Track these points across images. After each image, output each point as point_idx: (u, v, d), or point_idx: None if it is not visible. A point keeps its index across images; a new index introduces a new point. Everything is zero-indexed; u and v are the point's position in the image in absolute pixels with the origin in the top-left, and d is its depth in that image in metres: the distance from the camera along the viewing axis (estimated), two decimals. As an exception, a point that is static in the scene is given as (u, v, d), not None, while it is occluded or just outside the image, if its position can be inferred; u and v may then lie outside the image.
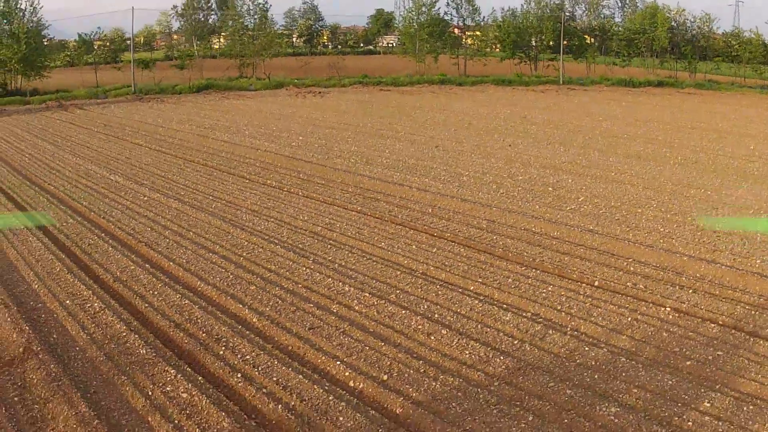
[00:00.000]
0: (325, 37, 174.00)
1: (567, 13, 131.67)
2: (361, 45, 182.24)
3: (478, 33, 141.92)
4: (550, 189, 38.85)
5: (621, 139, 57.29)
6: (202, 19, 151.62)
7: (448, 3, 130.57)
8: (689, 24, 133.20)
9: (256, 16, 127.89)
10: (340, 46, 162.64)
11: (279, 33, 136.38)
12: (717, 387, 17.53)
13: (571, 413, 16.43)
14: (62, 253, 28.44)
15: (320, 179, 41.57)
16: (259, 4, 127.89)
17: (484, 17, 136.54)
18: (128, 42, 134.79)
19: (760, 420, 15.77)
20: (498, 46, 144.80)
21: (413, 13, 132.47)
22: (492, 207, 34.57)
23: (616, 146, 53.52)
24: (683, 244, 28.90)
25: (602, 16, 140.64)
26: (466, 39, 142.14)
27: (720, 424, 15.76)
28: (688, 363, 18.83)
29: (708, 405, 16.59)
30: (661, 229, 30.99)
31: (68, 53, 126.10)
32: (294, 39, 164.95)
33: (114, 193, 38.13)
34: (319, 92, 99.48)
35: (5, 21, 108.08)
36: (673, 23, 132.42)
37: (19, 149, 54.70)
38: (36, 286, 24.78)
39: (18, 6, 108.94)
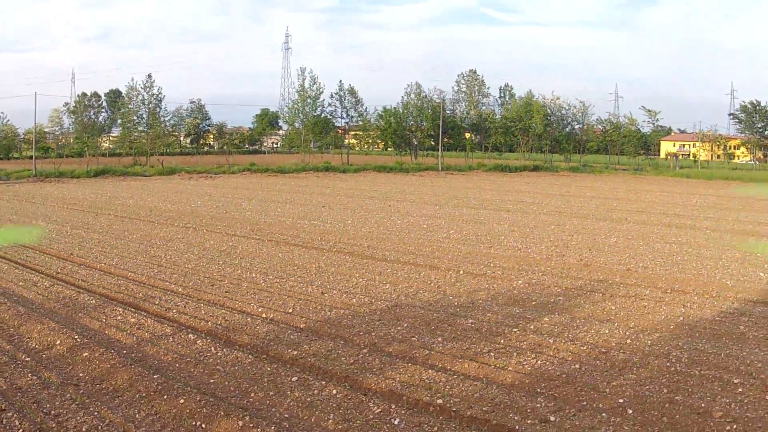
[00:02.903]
0: (211, 137, 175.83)
1: (448, 111, 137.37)
2: (247, 146, 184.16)
3: (360, 133, 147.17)
4: (424, 227, 44.62)
5: (492, 203, 63.31)
6: (93, 116, 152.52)
7: (332, 95, 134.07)
8: (565, 111, 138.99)
9: (150, 105, 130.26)
10: (225, 146, 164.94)
11: (168, 132, 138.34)
12: (555, 313, 23.13)
13: (437, 323, 21.82)
14: (4, 261, 32.60)
15: (221, 222, 46.57)
16: (153, 94, 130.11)
17: (366, 108, 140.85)
18: (18, 139, 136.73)
19: (587, 328, 21.29)
20: (380, 143, 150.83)
21: (299, 104, 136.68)
22: (372, 238, 39.92)
23: (487, 206, 59.52)
24: (537, 252, 34.79)
25: (481, 111, 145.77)
26: (349, 139, 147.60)
27: (554, 327, 21.31)
28: (534, 303, 24.47)
29: (547, 320, 22.17)
30: (519, 246, 36.89)
31: None
32: (182, 138, 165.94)
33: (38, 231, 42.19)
34: (211, 176, 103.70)
35: None
36: (548, 110, 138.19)
37: None
38: (-15, 276, 29.00)
39: None
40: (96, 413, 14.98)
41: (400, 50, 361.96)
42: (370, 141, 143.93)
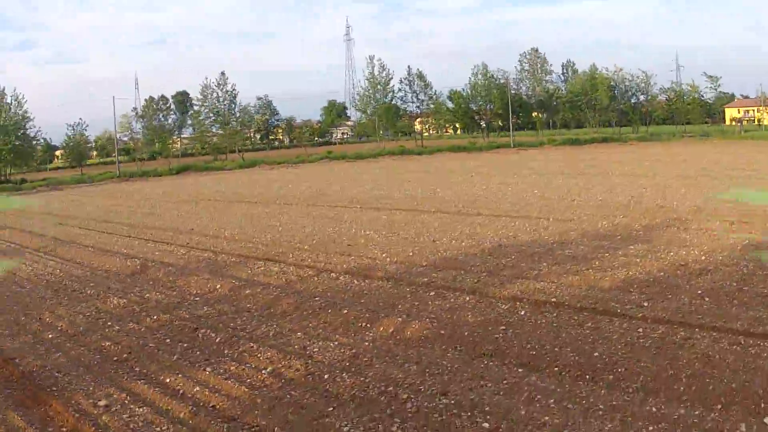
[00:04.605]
0: (280, 132, 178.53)
1: (512, 90, 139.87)
2: (316, 138, 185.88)
3: (429, 119, 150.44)
4: (508, 190, 48.55)
5: (566, 170, 66.54)
6: (162, 119, 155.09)
7: (401, 80, 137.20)
8: (628, 82, 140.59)
9: (225, 102, 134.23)
10: (296, 139, 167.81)
11: (237, 131, 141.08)
12: (638, 243, 26.62)
13: (539, 255, 25.55)
14: (133, 238, 37.31)
15: (317, 199, 51.01)
16: (228, 91, 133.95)
17: (435, 91, 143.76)
18: (90, 145, 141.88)
19: (667, 251, 24.65)
20: (448, 127, 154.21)
21: (370, 92, 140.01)
22: (463, 201, 43.81)
23: (562, 172, 63.01)
24: (615, 202, 38.08)
25: (546, 87, 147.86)
26: (421, 126, 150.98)
27: (639, 252, 24.80)
28: (618, 237, 27.98)
29: (632, 248, 25.67)
30: (599, 198, 40.39)
31: (36, 158, 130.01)
32: (252, 133, 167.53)
33: (141, 218, 46.85)
34: (292, 166, 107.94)
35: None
36: (612, 83, 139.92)
37: (44, 202, 63.64)
38: (120, 248, 33.59)
39: (4, 100, 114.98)
40: (275, 325, 19.03)
41: (456, 36, 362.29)
42: (442, 122, 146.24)
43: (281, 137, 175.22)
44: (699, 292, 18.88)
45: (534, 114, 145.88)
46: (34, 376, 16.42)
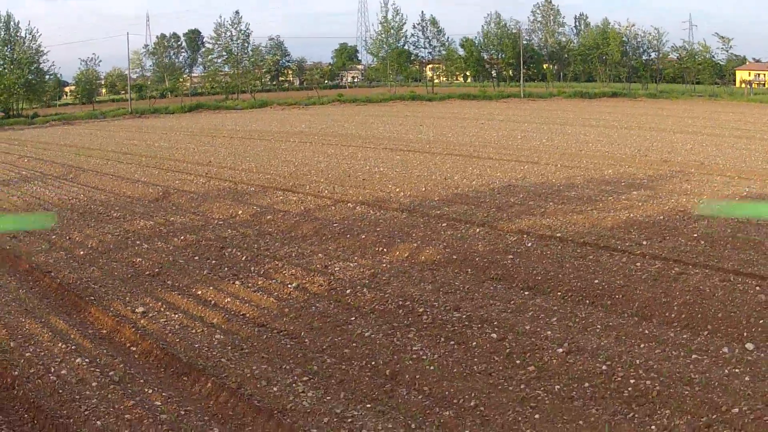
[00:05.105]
0: (290, 75, 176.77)
1: (524, 40, 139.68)
2: (327, 81, 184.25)
3: (440, 66, 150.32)
4: (518, 138, 49.53)
5: (576, 120, 67.18)
6: (173, 57, 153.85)
7: (414, 26, 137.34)
8: (640, 38, 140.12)
9: (239, 42, 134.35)
10: (305, 82, 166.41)
11: (249, 70, 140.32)
12: (641, 189, 27.79)
13: (545, 195, 26.78)
14: (154, 168, 38.50)
15: (332, 138, 52.24)
16: (242, 30, 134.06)
17: (448, 38, 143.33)
18: (100, 82, 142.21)
19: (668, 198, 25.65)
20: (458, 75, 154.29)
21: (383, 35, 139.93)
22: (474, 145, 45.03)
23: (572, 123, 63.85)
24: (622, 153, 39.23)
25: (558, 39, 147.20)
26: (433, 73, 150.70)
27: (641, 197, 25.90)
28: (623, 184, 29.12)
29: (635, 193, 26.79)
30: (606, 149, 41.53)
31: (47, 93, 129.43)
32: (262, 73, 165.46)
33: (158, 151, 48.08)
34: (303, 107, 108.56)
35: (7, 48, 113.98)
36: (624, 38, 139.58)
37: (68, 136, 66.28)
38: (140, 177, 34.89)
39: (18, 34, 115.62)
40: (296, 246, 20.41)
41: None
42: (453, 69, 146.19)
43: (291, 79, 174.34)
44: (695, 235, 20.10)
45: (545, 66, 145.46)
46: (71, 287, 17.63)
